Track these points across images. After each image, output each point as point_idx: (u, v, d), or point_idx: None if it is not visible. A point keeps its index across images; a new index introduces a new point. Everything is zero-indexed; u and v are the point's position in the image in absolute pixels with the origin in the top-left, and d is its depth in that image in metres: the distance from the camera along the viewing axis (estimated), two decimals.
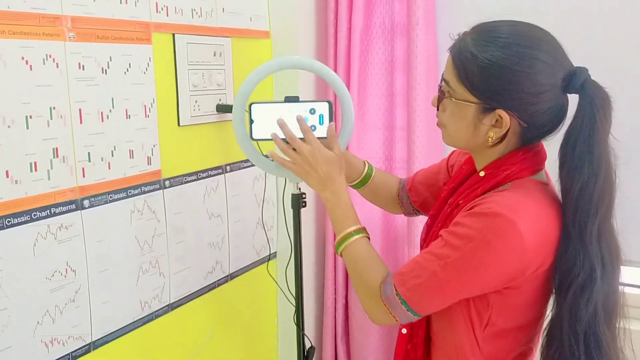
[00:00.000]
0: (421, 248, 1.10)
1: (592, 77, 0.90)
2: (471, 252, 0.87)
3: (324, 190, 1.09)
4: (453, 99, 0.94)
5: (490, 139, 0.93)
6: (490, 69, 0.88)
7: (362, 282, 1.00)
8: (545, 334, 0.94)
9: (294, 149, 1.11)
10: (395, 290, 0.94)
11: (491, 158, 0.96)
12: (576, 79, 0.89)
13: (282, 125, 1.13)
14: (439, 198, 1.10)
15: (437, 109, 1.00)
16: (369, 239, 1.06)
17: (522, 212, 0.87)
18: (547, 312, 0.97)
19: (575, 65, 0.91)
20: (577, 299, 0.88)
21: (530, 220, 0.88)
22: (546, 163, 0.99)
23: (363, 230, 1.06)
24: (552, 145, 0.95)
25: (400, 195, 1.28)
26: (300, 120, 1.13)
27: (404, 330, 1.05)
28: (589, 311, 0.88)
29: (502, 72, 0.88)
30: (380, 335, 1.78)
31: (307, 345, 1.32)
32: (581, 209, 0.88)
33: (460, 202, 0.98)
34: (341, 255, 1.06)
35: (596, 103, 0.87)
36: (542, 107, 0.89)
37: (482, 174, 0.97)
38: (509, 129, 0.91)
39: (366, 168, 1.26)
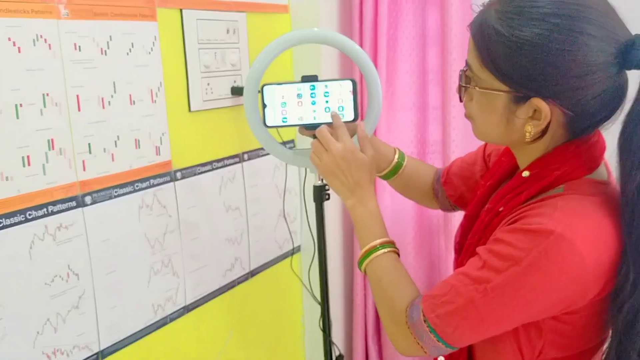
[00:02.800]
0: (455, 252, 0.97)
1: None
2: (517, 277, 0.73)
3: (351, 197, 0.97)
4: (477, 88, 0.79)
5: (528, 134, 0.77)
6: (521, 50, 0.72)
7: (386, 305, 0.87)
8: None
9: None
10: (424, 316, 0.80)
11: (535, 155, 0.81)
12: (635, 52, 0.72)
13: (334, 116, 1.03)
14: (476, 196, 0.96)
15: (460, 100, 0.84)
16: (398, 254, 0.93)
17: (580, 227, 0.72)
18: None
19: (634, 34, 0.74)
20: (628, 326, 0.74)
21: (591, 237, 0.73)
22: (606, 154, 0.82)
23: (391, 244, 0.93)
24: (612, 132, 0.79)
25: (435, 189, 1.15)
26: (335, 116, 1.02)
27: (441, 359, 0.91)
28: None
29: (536, 53, 0.72)
30: None
31: (336, 352, 1.21)
32: (638, 218, 0.72)
33: (500, 209, 0.83)
34: (365, 272, 0.93)
35: None
36: (591, 92, 0.73)
37: (525, 174, 0.81)
38: (550, 121, 0.76)
39: (396, 156, 1.13)
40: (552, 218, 0.73)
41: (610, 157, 0.79)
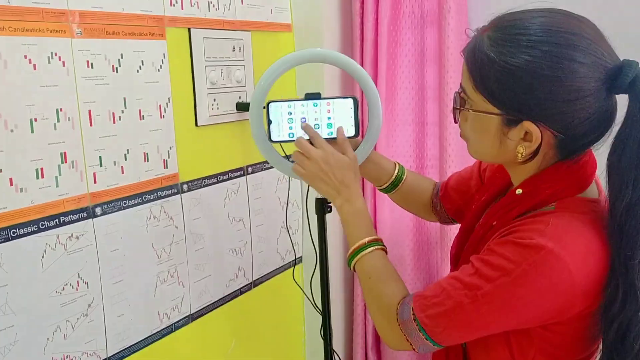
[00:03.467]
0: (451, 264, 1.00)
1: None
2: (506, 287, 0.75)
3: (337, 197, 1.00)
4: (471, 111, 0.82)
5: (520, 154, 0.80)
6: (512, 75, 0.74)
7: (376, 301, 0.90)
8: None
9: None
10: (414, 314, 0.82)
11: (528, 173, 0.83)
12: (623, 77, 0.74)
13: (306, 127, 1.05)
14: (471, 210, 0.99)
15: (455, 121, 0.87)
16: (385, 252, 0.96)
17: (570, 244, 0.74)
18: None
19: (622, 59, 0.76)
20: (618, 341, 0.76)
21: (580, 253, 0.75)
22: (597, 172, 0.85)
23: (379, 241, 0.96)
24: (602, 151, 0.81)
25: (434, 202, 1.18)
26: (307, 127, 1.05)
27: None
28: (632, 356, 0.76)
29: (527, 79, 0.74)
30: None
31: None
32: (627, 238, 0.74)
33: (493, 223, 0.85)
34: (354, 270, 0.96)
35: None
36: (580, 116, 0.75)
37: (519, 191, 0.84)
38: (541, 143, 0.78)
39: (397, 170, 1.16)
40: (544, 234, 0.75)
41: (602, 174, 0.81)
